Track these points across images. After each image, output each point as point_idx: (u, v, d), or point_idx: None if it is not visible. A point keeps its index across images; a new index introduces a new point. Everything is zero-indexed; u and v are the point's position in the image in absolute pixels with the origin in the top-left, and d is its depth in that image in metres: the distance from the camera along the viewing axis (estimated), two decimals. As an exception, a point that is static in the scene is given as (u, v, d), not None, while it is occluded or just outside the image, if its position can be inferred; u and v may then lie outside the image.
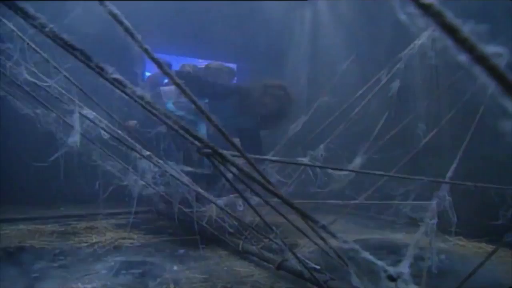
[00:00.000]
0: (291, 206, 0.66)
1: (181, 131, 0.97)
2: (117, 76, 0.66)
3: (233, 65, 5.00)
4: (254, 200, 1.26)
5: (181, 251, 2.24)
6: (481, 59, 0.30)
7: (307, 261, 1.47)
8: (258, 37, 4.59)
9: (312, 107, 2.65)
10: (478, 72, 0.31)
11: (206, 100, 2.96)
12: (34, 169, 3.53)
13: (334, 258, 1.25)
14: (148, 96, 0.69)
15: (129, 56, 0.84)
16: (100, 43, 2.39)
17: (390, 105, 2.51)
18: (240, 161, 1.23)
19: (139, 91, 0.67)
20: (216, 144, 0.85)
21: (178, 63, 4.61)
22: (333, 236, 0.62)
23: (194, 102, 0.70)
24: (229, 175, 1.01)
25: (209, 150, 1.10)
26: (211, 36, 4.48)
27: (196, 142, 1.09)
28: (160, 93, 3.47)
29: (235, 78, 4.09)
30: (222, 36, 4.50)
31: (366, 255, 0.61)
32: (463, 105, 2.19)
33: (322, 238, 0.90)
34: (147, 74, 5.49)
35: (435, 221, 1.33)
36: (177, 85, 0.77)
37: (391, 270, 0.61)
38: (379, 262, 0.60)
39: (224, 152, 1.13)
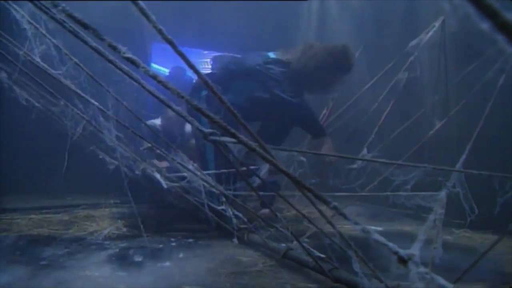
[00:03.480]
0: (303, 186, 0.66)
1: (187, 118, 0.97)
2: (129, 55, 0.66)
3: (238, 56, 4.99)
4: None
5: (190, 240, 2.25)
6: (504, 26, 0.29)
7: (312, 249, 1.47)
8: (264, 27, 4.57)
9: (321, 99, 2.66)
10: (501, 40, 0.30)
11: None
12: (44, 160, 3.59)
13: (338, 244, 1.25)
14: (159, 76, 0.69)
15: (133, 48, 0.83)
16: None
17: (397, 97, 2.52)
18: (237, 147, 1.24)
19: (151, 70, 0.67)
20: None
21: (186, 54, 4.62)
22: (345, 217, 0.62)
23: (218, 97, 0.71)
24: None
25: (216, 137, 1.11)
26: (216, 26, 4.46)
27: (203, 129, 1.10)
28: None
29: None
30: (227, 26, 4.48)
31: (377, 236, 0.60)
32: (472, 97, 2.18)
33: (330, 222, 0.90)
34: (153, 65, 5.50)
35: (443, 211, 1.32)
36: (203, 79, 0.77)
37: (402, 252, 0.61)
38: (390, 244, 0.60)
39: (227, 139, 1.13)
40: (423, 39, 2.40)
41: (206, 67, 5.73)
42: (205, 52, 6.00)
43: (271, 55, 2.54)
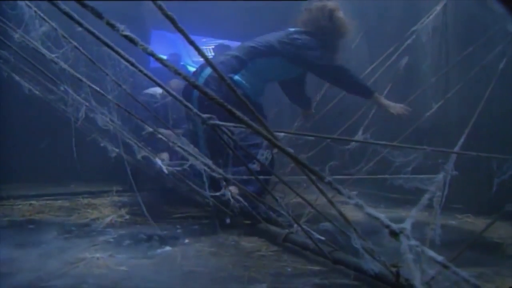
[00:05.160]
0: (298, 162, 0.68)
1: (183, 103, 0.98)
2: (128, 33, 0.67)
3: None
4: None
5: (195, 227, 2.29)
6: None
7: (312, 232, 1.50)
8: (266, 14, 4.54)
9: (321, 84, 2.66)
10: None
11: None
12: (47, 147, 3.63)
13: (337, 226, 1.27)
14: (156, 54, 0.70)
15: (133, 33, 0.83)
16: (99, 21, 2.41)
17: (397, 81, 2.52)
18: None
19: (149, 48, 0.68)
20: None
21: (182, 41, 4.58)
22: (339, 192, 0.64)
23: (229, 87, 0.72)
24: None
25: (214, 121, 1.12)
26: (216, 13, 4.44)
27: (201, 114, 1.11)
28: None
29: None
30: (229, 14, 4.45)
31: (370, 210, 0.62)
32: (473, 81, 2.18)
33: (330, 201, 0.92)
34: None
35: (440, 193, 1.34)
36: (211, 65, 0.79)
37: (394, 225, 0.62)
38: (382, 217, 0.62)
39: (226, 124, 1.15)
40: (424, 24, 2.40)
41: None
42: (204, 39, 5.98)
43: (291, 29, 2.52)
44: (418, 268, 0.60)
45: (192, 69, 4.31)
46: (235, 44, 4.24)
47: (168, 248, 1.84)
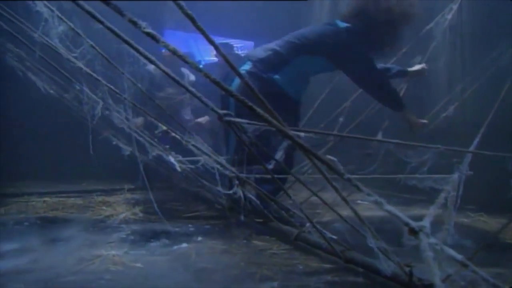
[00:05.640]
0: (317, 157, 0.69)
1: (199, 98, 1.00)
2: (150, 30, 0.68)
3: (250, 43, 4.98)
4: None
5: (207, 225, 2.30)
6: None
7: (324, 231, 1.50)
8: (274, 12, 4.54)
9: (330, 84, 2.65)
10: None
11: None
12: (61, 146, 3.68)
13: (351, 224, 1.28)
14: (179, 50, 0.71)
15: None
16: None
17: (411, 82, 2.50)
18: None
19: (171, 45, 0.69)
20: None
21: (197, 41, 4.60)
22: (358, 189, 0.64)
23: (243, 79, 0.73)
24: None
25: (230, 118, 1.13)
26: (223, 12, 4.43)
27: (218, 110, 1.12)
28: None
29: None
30: (234, 12, 4.44)
31: (389, 208, 0.63)
32: (487, 82, 2.16)
33: (344, 199, 0.92)
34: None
35: (455, 193, 1.33)
36: (232, 67, 0.80)
37: (413, 223, 0.63)
38: (402, 215, 0.62)
39: (242, 121, 1.16)
40: (439, 22, 2.37)
41: (214, 54, 5.76)
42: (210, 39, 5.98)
43: (340, 23, 2.27)
44: (437, 267, 0.60)
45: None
46: (239, 43, 4.25)
47: (182, 245, 1.86)
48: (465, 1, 2.51)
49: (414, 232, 0.62)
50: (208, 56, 5.04)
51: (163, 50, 3.26)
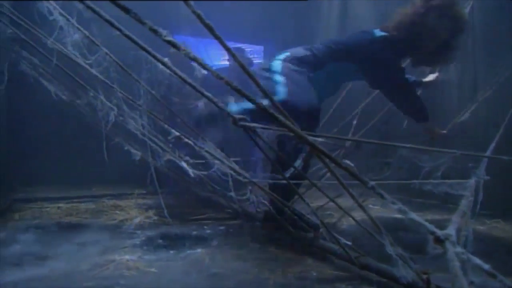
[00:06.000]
0: (339, 165, 0.68)
1: (215, 103, 1.00)
2: (170, 38, 0.68)
3: (259, 47, 4.99)
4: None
5: (221, 228, 2.31)
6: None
7: (339, 237, 1.49)
8: (282, 16, 4.54)
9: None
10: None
11: None
12: (71, 151, 3.71)
13: (367, 229, 1.26)
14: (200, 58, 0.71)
15: (157, 39, 0.85)
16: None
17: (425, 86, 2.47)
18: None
19: (192, 53, 0.70)
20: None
21: (207, 45, 4.60)
22: (382, 197, 0.64)
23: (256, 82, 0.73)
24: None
25: (246, 123, 1.13)
26: (230, 16, 4.43)
27: (233, 114, 1.12)
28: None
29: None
30: (247, 17, 4.45)
31: (414, 216, 0.62)
32: (502, 85, 2.14)
33: (360, 205, 0.91)
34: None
35: (472, 198, 1.31)
36: (249, 74, 0.80)
37: (439, 232, 0.62)
38: (427, 224, 0.61)
39: (257, 125, 1.16)
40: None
41: (224, 59, 5.78)
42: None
43: (377, 32, 2.21)
44: (464, 276, 0.59)
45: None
46: (248, 47, 4.25)
47: (195, 250, 1.86)
48: (476, 2, 2.49)
49: (439, 241, 0.61)
50: (218, 60, 5.06)
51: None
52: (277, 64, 2.13)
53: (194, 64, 3.61)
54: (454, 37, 2.11)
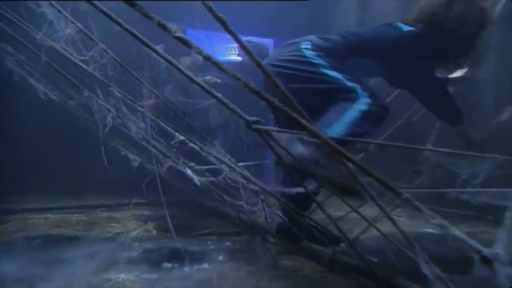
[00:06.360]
0: (370, 174, 0.68)
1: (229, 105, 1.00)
2: (180, 34, 0.68)
3: (269, 41, 5.00)
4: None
5: (227, 242, 2.31)
6: None
7: (363, 252, 1.48)
8: (298, 7, 4.55)
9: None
10: None
11: None
12: (63, 158, 3.74)
13: (398, 245, 1.25)
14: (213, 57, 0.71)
15: (166, 34, 0.85)
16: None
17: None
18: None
19: (204, 51, 0.70)
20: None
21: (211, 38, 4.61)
22: (419, 210, 0.63)
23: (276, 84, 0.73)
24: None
25: (259, 126, 1.13)
26: (243, 8, 4.46)
27: (246, 116, 1.12)
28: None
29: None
30: (255, 8, 4.47)
31: (457, 232, 0.61)
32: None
33: (390, 218, 0.90)
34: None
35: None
36: (264, 71, 0.80)
37: (486, 251, 0.61)
38: (473, 242, 0.61)
39: (272, 128, 1.16)
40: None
41: (232, 53, 5.78)
42: (228, 36, 6.05)
43: (404, 26, 2.16)
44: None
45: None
46: (258, 40, 4.27)
47: (201, 267, 1.86)
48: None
49: (487, 260, 0.60)
50: (223, 55, 5.08)
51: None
52: (313, 55, 2.00)
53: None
54: (481, 30, 2.09)
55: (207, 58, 0.72)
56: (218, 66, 0.74)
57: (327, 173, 1.39)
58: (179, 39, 0.70)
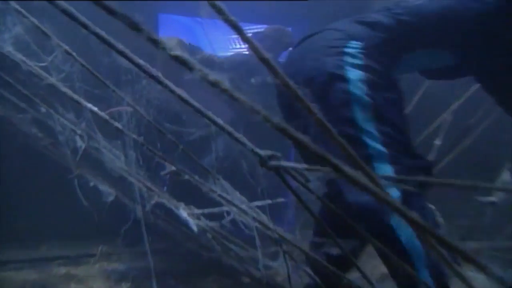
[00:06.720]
0: (434, 236, 0.68)
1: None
2: (178, 53, 0.68)
3: (288, 29, 5.11)
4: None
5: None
6: None
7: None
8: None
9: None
10: None
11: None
12: (12, 192, 3.75)
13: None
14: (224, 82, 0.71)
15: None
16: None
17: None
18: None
19: (211, 75, 0.70)
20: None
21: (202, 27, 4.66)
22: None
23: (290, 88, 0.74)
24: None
25: (277, 162, 1.14)
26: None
27: (259, 152, 1.14)
28: None
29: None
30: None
31: None
32: None
33: (461, 276, 0.91)
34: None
35: None
36: (273, 70, 0.81)
37: None
38: None
39: (293, 165, 1.16)
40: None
41: (236, 46, 5.86)
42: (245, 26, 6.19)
43: None
44: None
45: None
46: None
47: None
48: None
49: None
50: (223, 48, 5.12)
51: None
52: (359, 78, 1.73)
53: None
54: None
55: (215, 85, 0.72)
56: (231, 96, 0.74)
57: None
58: (176, 58, 0.70)
